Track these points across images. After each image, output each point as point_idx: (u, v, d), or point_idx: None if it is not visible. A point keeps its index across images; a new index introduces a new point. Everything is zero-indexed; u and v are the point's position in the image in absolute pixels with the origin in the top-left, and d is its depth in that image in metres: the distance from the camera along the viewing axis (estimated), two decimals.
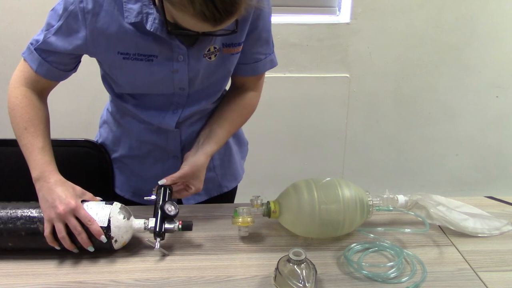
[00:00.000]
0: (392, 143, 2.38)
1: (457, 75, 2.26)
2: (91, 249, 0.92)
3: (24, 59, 0.98)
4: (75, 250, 0.93)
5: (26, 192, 1.04)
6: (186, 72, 0.98)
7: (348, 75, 2.22)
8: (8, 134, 1.40)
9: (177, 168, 1.09)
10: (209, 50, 0.97)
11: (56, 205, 0.89)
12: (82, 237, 0.90)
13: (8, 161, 1.32)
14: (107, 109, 1.19)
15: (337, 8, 2.18)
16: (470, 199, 1.17)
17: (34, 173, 0.93)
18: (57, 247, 0.92)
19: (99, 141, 1.24)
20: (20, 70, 0.99)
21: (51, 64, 0.97)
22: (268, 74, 1.13)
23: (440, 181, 2.47)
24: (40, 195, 0.92)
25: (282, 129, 2.27)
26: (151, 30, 0.90)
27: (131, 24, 0.90)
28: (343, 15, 2.16)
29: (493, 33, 2.19)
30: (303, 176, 1.07)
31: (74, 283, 0.87)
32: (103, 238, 0.91)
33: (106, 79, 1.07)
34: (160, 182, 0.98)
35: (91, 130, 1.32)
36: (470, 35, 2.19)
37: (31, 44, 0.96)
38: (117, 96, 1.07)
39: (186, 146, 1.12)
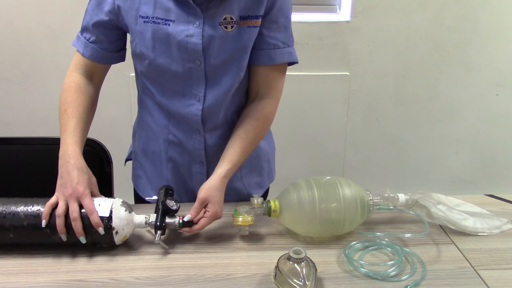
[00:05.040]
0: (392, 141, 2.38)
1: (457, 74, 2.26)
2: (82, 240, 0.91)
3: (74, 46, 1.08)
4: (63, 237, 0.91)
5: (28, 190, 1.04)
6: (200, 37, 0.99)
7: (348, 74, 2.22)
8: (10, 133, 1.40)
9: (203, 175, 1.13)
10: (225, 18, 0.98)
11: (67, 186, 0.92)
12: (76, 225, 0.90)
13: (10, 159, 1.32)
14: (136, 119, 1.22)
15: (337, 6, 2.18)
16: (471, 198, 1.17)
17: (60, 150, 0.97)
18: (43, 224, 0.91)
19: (132, 150, 1.25)
20: (73, 59, 1.09)
21: (95, 45, 1.06)
22: None
23: (440, 180, 2.47)
24: (59, 171, 0.96)
25: (282, 128, 2.26)
26: None
27: None
28: (344, 13, 2.16)
29: (494, 31, 2.19)
30: (303, 174, 1.07)
31: (74, 281, 0.87)
32: (101, 230, 0.91)
33: (135, 68, 1.10)
34: (186, 218, 0.96)
35: (91, 129, 1.32)
36: (471, 34, 2.19)
37: (79, 32, 1.08)
38: (144, 89, 1.11)
39: (211, 153, 1.12)
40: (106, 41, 1.06)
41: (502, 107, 2.34)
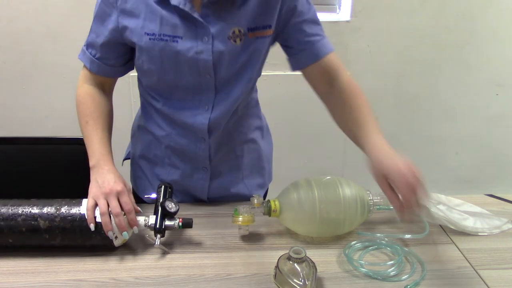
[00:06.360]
0: (392, 141, 2.35)
1: (457, 73, 2.26)
2: (125, 235, 0.93)
3: (80, 60, 1.08)
4: (110, 235, 0.92)
5: (28, 190, 1.04)
6: (210, 53, 0.97)
7: (348, 73, 2.21)
8: (9, 133, 1.40)
9: (205, 181, 1.13)
10: (233, 32, 0.97)
11: (105, 185, 0.94)
12: (120, 219, 0.92)
13: (10, 159, 1.32)
14: (137, 121, 1.21)
15: (337, 6, 2.18)
16: (471, 197, 1.17)
17: (91, 161, 1.00)
18: (92, 227, 0.91)
19: (131, 152, 1.24)
20: (82, 71, 1.09)
21: (101, 61, 1.05)
22: (268, 72, 1.12)
23: (440, 179, 2.47)
24: (92, 178, 0.98)
25: (282, 127, 2.26)
26: (175, 3, 0.93)
27: (156, 2, 0.94)
28: (343, 13, 2.16)
29: (494, 31, 2.19)
30: (303, 174, 1.07)
31: (74, 281, 0.87)
32: (135, 229, 0.94)
33: (140, 79, 1.09)
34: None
35: None
36: (471, 33, 2.19)
37: (84, 45, 1.06)
38: (149, 98, 1.09)
39: (215, 159, 1.12)
40: (113, 57, 1.05)
41: (502, 107, 2.34)
